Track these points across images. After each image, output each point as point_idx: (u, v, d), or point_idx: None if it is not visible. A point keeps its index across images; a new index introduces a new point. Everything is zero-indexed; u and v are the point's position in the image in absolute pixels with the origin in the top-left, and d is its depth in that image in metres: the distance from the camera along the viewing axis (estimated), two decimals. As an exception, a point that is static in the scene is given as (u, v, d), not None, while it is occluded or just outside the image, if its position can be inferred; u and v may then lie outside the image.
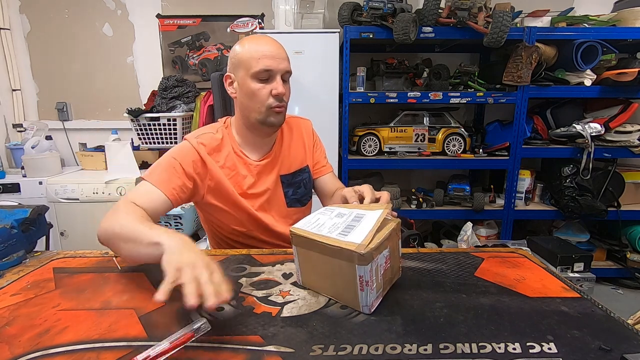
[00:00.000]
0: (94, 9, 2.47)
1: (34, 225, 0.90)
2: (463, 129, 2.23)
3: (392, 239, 0.68)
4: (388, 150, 2.23)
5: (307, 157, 1.10)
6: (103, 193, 2.08)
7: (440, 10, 1.99)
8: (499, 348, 0.53)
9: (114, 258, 0.84)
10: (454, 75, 2.20)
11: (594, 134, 2.04)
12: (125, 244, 0.71)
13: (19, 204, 1.19)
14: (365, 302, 0.62)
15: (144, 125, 2.23)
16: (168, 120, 2.21)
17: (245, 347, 0.54)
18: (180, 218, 1.97)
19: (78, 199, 2.08)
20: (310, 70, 2.02)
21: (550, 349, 0.53)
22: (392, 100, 2.08)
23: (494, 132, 2.33)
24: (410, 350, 0.53)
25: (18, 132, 2.54)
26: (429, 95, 2.07)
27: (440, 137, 2.21)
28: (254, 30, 2.45)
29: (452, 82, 2.16)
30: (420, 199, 2.27)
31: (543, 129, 2.24)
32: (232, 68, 0.95)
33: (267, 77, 0.90)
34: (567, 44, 2.01)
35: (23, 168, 2.19)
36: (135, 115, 2.18)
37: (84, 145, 2.57)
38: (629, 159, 2.25)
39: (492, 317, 0.61)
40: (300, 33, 2.05)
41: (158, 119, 2.20)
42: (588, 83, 2.05)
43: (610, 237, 2.31)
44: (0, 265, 0.80)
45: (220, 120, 1.04)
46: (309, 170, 1.11)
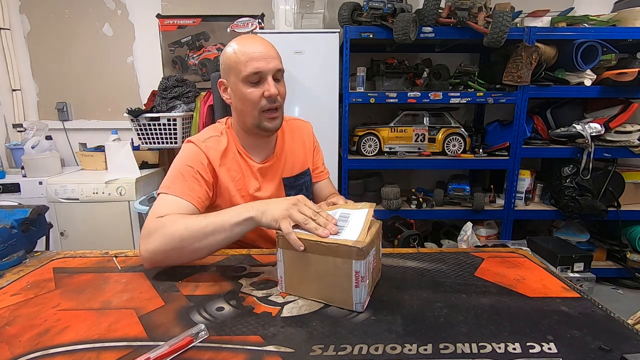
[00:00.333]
0: (94, 9, 2.47)
1: (34, 225, 0.90)
2: (463, 129, 2.23)
3: (377, 239, 0.70)
4: (388, 150, 2.23)
5: (307, 159, 1.10)
6: (103, 193, 2.08)
7: (440, 10, 2.00)
8: (499, 348, 0.53)
9: (114, 258, 0.84)
10: (454, 75, 2.20)
11: (594, 134, 2.04)
12: (205, 240, 0.73)
13: (19, 204, 1.19)
14: (359, 299, 0.62)
15: (144, 125, 2.23)
16: (168, 120, 2.21)
17: (245, 347, 0.54)
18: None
19: (78, 199, 2.08)
20: (310, 70, 2.02)
21: (550, 349, 0.53)
22: (392, 100, 2.08)
23: (494, 132, 2.33)
24: (410, 350, 0.53)
25: (18, 132, 2.54)
26: (429, 95, 2.07)
27: (440, 137, 2.21)
28: (254, 30, 2.45)
29: (452, 82, 2.16)
30: (420, 199, 2.27)
31: (543, 129, 2.23)
32: (224, 74, 0.94)
33: (257, 79, 0.88)
34: (567, 44, 2.01)
35: (23, 168, 2.19)
36: (135, 115, 2.18)
37: (84, 145, 2.57)
38: (629, 159, 2.25)
39: (492, 317, 0.61)
40: (300, 33, 2.04)
41: (158, 119, 2.20)
42: (588, 83, 2.05)
43: (610, 237, 2.31)
44: (0, 265, 0.80)
45: (222, 121, 1.03)
46: (310, 173, 1.11)
